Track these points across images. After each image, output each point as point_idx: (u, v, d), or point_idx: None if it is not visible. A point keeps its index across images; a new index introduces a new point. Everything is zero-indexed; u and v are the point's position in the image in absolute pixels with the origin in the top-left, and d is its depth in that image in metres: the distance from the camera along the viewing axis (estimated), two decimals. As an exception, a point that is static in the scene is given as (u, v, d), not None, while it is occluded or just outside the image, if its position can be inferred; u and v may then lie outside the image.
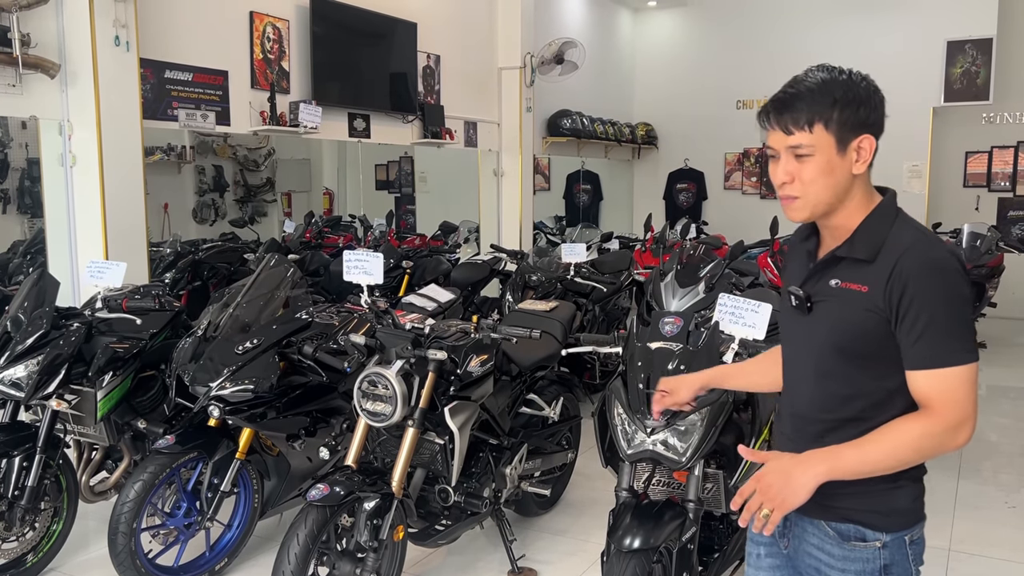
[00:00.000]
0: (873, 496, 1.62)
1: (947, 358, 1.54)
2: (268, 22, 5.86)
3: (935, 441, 1.55)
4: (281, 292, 3.70)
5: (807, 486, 1.55)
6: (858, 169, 1.61)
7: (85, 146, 4.58)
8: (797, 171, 1.62)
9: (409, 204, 9.68)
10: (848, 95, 1.60)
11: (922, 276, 1.54)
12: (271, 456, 3.66)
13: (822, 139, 1.60)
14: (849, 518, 1.64)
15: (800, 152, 1.61)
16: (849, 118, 1.59)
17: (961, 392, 1.54)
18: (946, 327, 1.54)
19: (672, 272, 4.65)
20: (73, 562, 3.68)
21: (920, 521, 1.68)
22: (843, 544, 1.65)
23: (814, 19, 9.98)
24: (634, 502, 2.68)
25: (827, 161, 1.60)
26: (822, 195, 1.62)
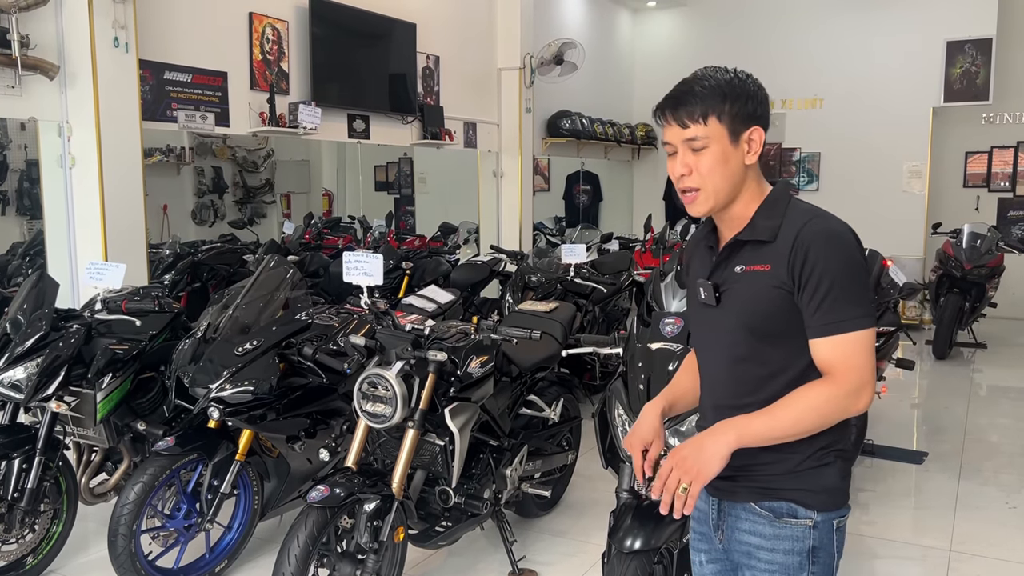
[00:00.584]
0: (804, 475, 1.67)
1: (847, 324, 1.60)
2: (267, 23, 5.85)
3: (837, 405, 1.61)
4: (281, 293, 3.69)
5: (719, 454, 1.61)
6: (750, 160, 1.71)
7: (84, 147, 4.58)
8: (695, 163, 1.70)
9: (408, 205, 9.68)
10: (736, 90, 1.70)
11: (820, 244, 1.62)
12: (271, 458, 3.66)
13: (716, 130, 1.68)
14: (782, 496, 1.69)
15: (696, 145, 1.69)
16: (739, 110, 1.69)
17: (861, 357, 1.60)
18: (845, 294, 1.60)
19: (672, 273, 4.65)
20: (73, 564, 3.67)
21: (846, 506, 1.73)
22: (775, 522, 1.69)
23: (813, 19, 9.98)
24: (635, 503, 2.68)
25: (722, 151, 1.68)
26: (720, 184, 1.70)
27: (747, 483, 1.71)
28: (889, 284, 4.56)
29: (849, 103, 9.80)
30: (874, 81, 9.65)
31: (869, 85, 9.66)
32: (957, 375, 7.45)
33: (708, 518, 1.83)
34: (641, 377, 2.68)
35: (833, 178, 10.06)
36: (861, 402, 1.61)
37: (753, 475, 1.70)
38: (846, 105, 9.82)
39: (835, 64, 9.82)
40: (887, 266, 4.64)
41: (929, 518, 4.24)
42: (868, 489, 4.63)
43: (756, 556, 1.72)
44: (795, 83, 10.09)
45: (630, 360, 2.79)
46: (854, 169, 9.86)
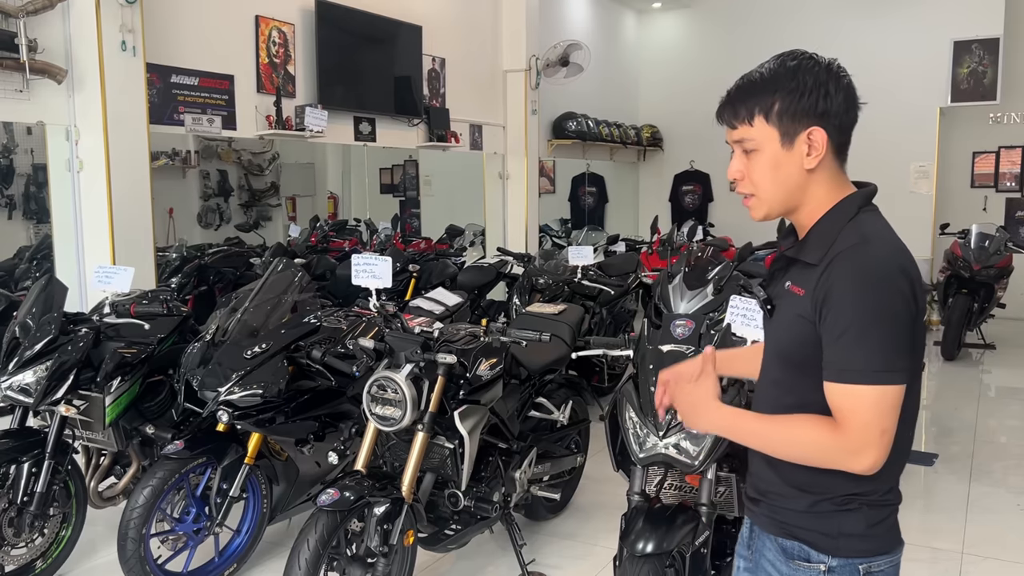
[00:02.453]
0: (819, 516, 1.53)
1: (856, 375, 1.41)
2: (274, 26, 5.86)
3: (831, 457, 1.45)
4: (289, 296, 3.69)
5: (703, 426, 1.63)
6: (809, 164, 1.50)
7: (92, 151, 4.58)
8: (746, 167, 1.54)
9: (414, 208, 9.67)
10: (792, 83, 1.48)
11: (846, 279, 1.42)
12: (280, 461, 3.65)
13: (764, 132, 1.50)
14: (794, 535, 1.56)
15: (746, 147, 1.53)
16: (790, 107, 1.48)
17: (866, 416, 1.41)
18: (861, 341, 1.41)
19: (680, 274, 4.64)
20: (82, 568, 3.67)
21: (882, 553, 1.54)
22: (788, 562, 1.57)
23: (819, 20, 9.96)
24: (646, 506, 2.67)
25: (772, 155, 1.50)
26: (773, 192, 1.53)
27: (768, 513, 1.60)
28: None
29: (855, 103, 9.75)
30: (881, 81, 9.59)
31: (876, 85, 9.59)
32: (966, 376, 7.42)
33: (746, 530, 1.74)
34: (652, 379, 2.67)
35: (839, 179, 10.01)
36: (860, 464, 1.43)
37: (772, 505, 1.59)
38: (852, 106, 9.77)
39: (842, 64, 9.78)
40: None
41: (940, 520, 4.22)
42: (878, 491, 4.60)
43: None
44: (801, 84, 10.05)
45: (641, 362, 2.78)
46: (861, 169, 9.57)
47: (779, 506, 1.57)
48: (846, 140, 1.54)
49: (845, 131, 1.52)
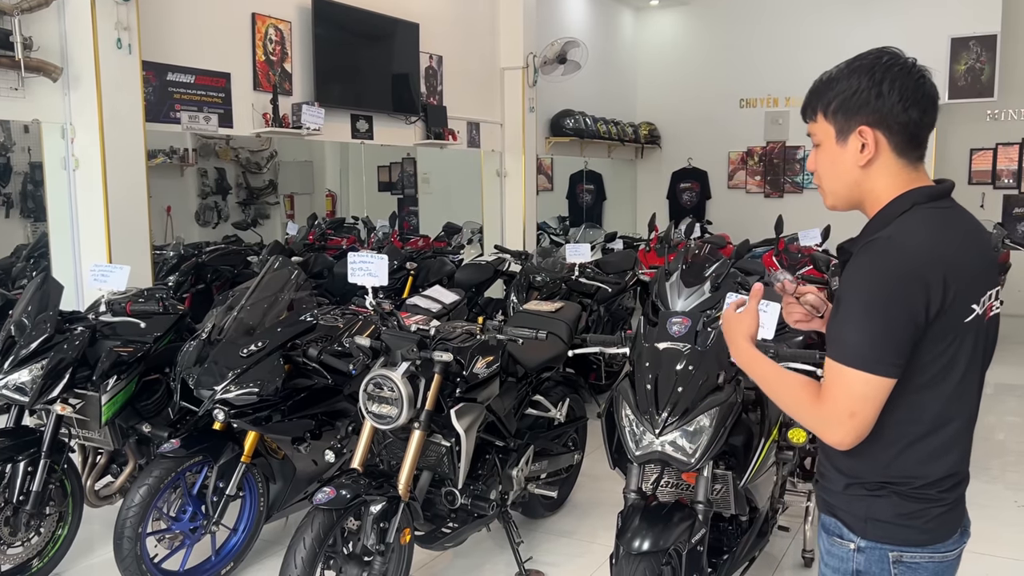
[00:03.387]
0: (853, 498, 1.60)
1: (838, 353, 1.48)
2: (270, 24, 5.84)
3: (805, 418, 1.55)
4: (285, 295, 3.68)
5: (732, 354, 1.74)
6: (860, 161, 1.55)
7: (88, 149, 4.57)
8: (816, 160, 1.65)
9: (412, 205, 9.67)
10: (847, 82, 1.55)
11: (856, 269, 1.50)
12: (276, 459, 3.64)
13: (823, 127, 1.60)
14: (834, 513, 1.65)
15: (814, 140, 1.63)
16: (843, 105, 1.55)
17: (838, 394, 1.48)
18: (851, 324, 1.47)
19: (677, 272, 4.63)
20: (78, 567, 3.67)
21: (918, 545, 1.56)
22: (828, 537, 1.66)
23: (817, 16, 9.95)
24: (643, 504, 2.66)
25: (831, 151, 1.59)
26: (833, 186, 1.62)
27: (820, 492, 1.69)
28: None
29: (853, 101, 9.75)
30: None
31: (873, 82, 9.62)
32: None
33: None
34: (648, 377, 2.67)
35: (837, 176, 10.02)
36: (829, 437, 1.51)
37: (823, 486, 1.68)
38: (850, 103, 9.77)
39: (839, 61, 9.73)
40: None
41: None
42: (876, 488, 4.60)
43: (821, 567, 1.71)
44: (799, 81, 9.94)
45: (637, 360, 2.77)
46: (858, 167, 9.82)
47: (826, 486, 1.67)
48: (911, 139, 1.54)
49: (906, 130, 1.53)
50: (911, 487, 1.55)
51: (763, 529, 3.12)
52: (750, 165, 10.63)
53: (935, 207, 1.54)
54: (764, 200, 10.54)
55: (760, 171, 10.57)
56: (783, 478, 3.42)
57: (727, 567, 2.87)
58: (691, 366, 2.66)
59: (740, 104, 10.51)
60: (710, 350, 2.71)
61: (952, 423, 1.55)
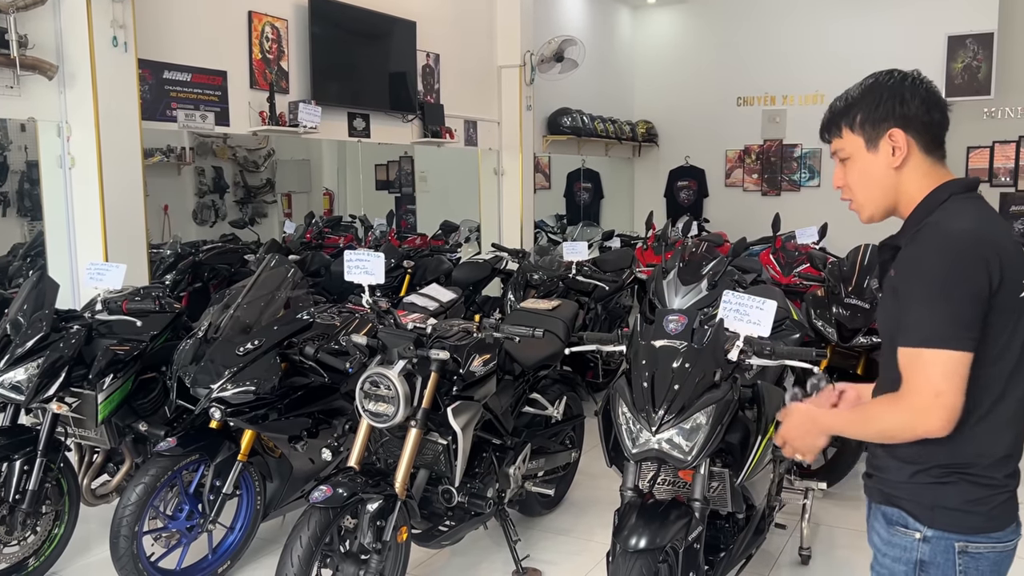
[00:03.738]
0: (919, 487, 1.63)
1: (911, 338, 1.54)
2: (267, 22, 5.83)
3: (897, 422, 1.57)
4: (282, 293, 3.68)
5: (816, 445, 1.77)
6: (894, 162, 1.67)
7: (84, 148, 4.56)
8: (844, 175, 1.74)
9: (409, 204, 9.66)
10: (869, 97, 1.68)
11: (915, 253, 1.57)
12: (273, 458, 3.64)
13: (851, 141, 1.70)
14: (896, 503, 1.66)
15: (841, 156, 1.74)
16: (868, 115, 1.67)
17: (919, 378, 1.52)
18: (916, 302, 1.53)
19: (675, 270, 4.64)
20: (75, 566, 3.66)
21: (983, 532, 1.60)
22: (888, 528, 1.68)
23: (814, 15, 9.95)
24: (639, 502, 2.66)
25: (862, 161, 1.70)
26: (868, 195, 1.72)
27: (877, 484, 1.72)
28: (892, 280, 4.54)
29: (850, 98, 9.76)
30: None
31: (870, 80, 9.63)
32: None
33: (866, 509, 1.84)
34: (645, 375, 2.66)
35: (835, 174, 10.02)
36: (924, 426, 1.53)
37: (880, 477, 1.71)
38: (847, 101, 9.78)
39: (836, 59, 9.79)
40: (890, 262, 4.63)
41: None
42: (873, 486, 4.61)
43: (877, 557, 1.73)
44: (796, 79, 10.06)
45: (634, 358, 2.77)
46: (856, 165, 9.83)
47: (885, 477, 1.69)
48: (934, 138, 1.69)
49: (930, 130, 1.68)
50: (978, 469, 1.59)
51: (760, 527, 3.12)
52: (747, 163, 10.62)
53: (969, 197, 1.66)
54: (761, 198, 10.54)
55: (757, 169, 10.57)
56: (780, 475, 3.42)
57: (724, 565, 2.87)
58: (687, 364, 2.65)
59: (737, 102, 10.50)
60: (706, 348, 2.71)
61: (1010, 398, 1.60)
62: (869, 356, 4.37)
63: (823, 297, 4.47)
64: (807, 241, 6.99)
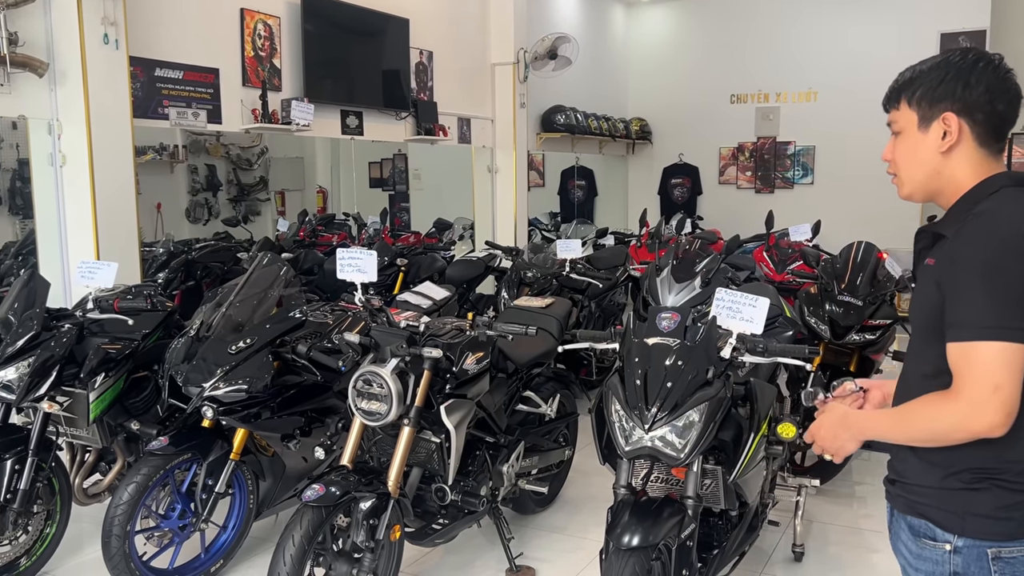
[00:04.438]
0: (947, 493, 1.54)
1: (964, 332, 1.46)
2: (259, 19, 5.81)
3: (950, 423, 1.48)
4: (274, 291, 3.66)
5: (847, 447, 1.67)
6: (941, 147, 1.59)
7: (75, 146, 4.54)
8: (893, 148, 1.68)
9: (403, 201, 9.65)
10: (934, 73, 1.60)
11: (963, 235, 1.49)
12: (266, 456, 3.63)
13: (906, 115, 1.63)
14: (922, 513, 1.58)
15: (893, 129, 1.67)
16: (927, 92, 1.60)
17: (975, 373, 1.43)
18: (969, 295, 1.46)
19: (668, 267, 4.64)
20: (67, 565, 3.65)
21: (1015, 539, 1.51)
22: (916, 541, 1.59)
23: (807, 12, 9.96)
24: (632, 499, 2.66)
25: (911, 138, 1.63)
26: (912, 174, 1.65)
27: (901, 492, 1.63)
28: (885, 277, 4.55)
29: (843, 96, 9.78)
30: (868, 73, 9.61)
31: (863, 77, 9.63)
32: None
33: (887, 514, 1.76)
34: (638, 372, 2.66)
35: (828, 171, 10.04)
36: (979, 423, 1.44)
37: (905, 484, 1.62)
38: (840, 98, 9.80)
39: (829, 57, 9.81)
40: (883, 259, 4.64)
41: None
42: (866, 482, 4.62)
43: (907, 571, 1.65)
44: (789, 76, 10.07)
45: (626, 355, 2.77)
46: (849, 162, 9.84)
47: (911, 483, 1.60)
48: (994, 130, 1.59)
49: (990, 120, 1.58)
50: (1011, 475, 1.51)
51: (753, 524, 3.12)
52: (741, 161, 10.64)
53: (1021, 191, 1.56)
54: (755, 196, 10.55)
55: (751, 167, 10.58)
56: (773, 473, 3.42)
57: (717, 562, 2.88)
58: (680, 361, 2.65)
59: (731, 100, 10.51)
60: (699, 345, 2.71)
61: None
62: (862, 353, 4.38)
63: (816, 294, 4.47)
64: (800, 238, 7.00)
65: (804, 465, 4.45)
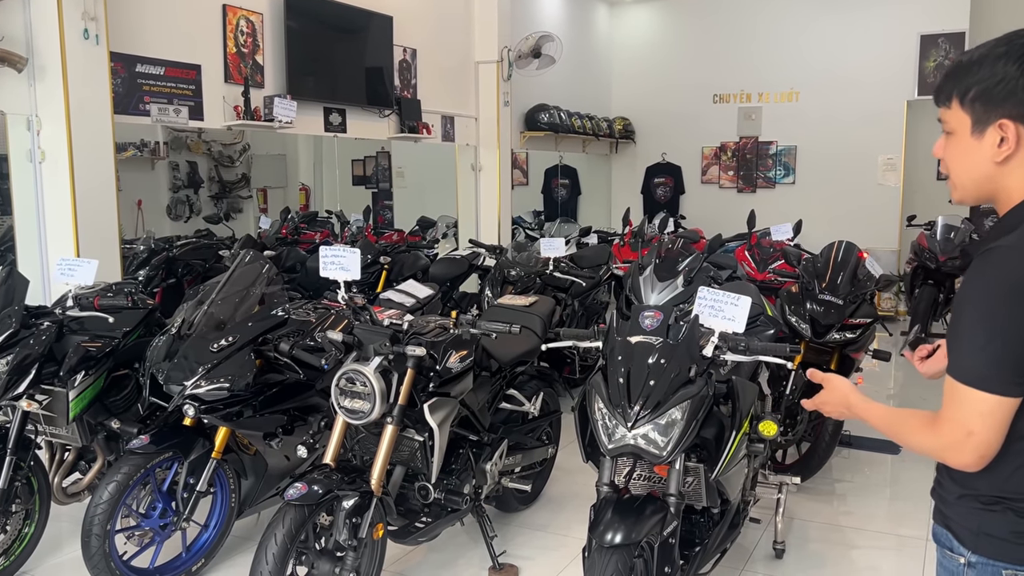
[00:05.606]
0: (967, 511, 1.52)
1: (957, 371, 1.41)
2: (241, 15, 5.78)
3: (926, 447, 1.49)
4: (256, 289, 3.65)
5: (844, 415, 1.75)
6: (996, 157, 1.43)
7: (54, 142, 4.50)
8: (944, 148, 1.53)
9: (386, 199, 9.62)
10: (993, 69, 1.40)
11: (973, 279, 1.39)
12: (248, 455, 3.62)
13: (958, 116, 1.47)
14: (946, 524, 1.57)
15: (945, 128, 1.51)
16: (984, 95, 1.41)
17: (956, 413, 1.41)
18: (960, 335, 1.41)
19: (651, 266, 4.66)
20: (46, 565, 3.62)
21: None
22: (940, 549, 1.60)
23: (789, 13, 10.03)
24: (615, 497, 2.67)
25: (963, 143, 1.47)
26: (962, 178, 1.51)
27: (936, 501, 1.61)
28: (865, 276, 4.59)
29: (825, 96, 9.86)
30: (849, 74, 9.72)
31: (844, 78, 9.73)
32: (932, 366, 7.52)
33: None
34: (621, 371, 2.67)
35: (809, 171, 10.12)
36: (953, 459, 1.44)
37: (937, 494, 1.60)
38: (822, 98, 9.88)
39: (811, 57, 9.89)
40: (863, 258, 4.68)
41: (906, 508, 4.28)
42: (845, 480, 4.66)
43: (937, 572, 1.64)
44: (771, 76, 10.14)
45: (610, 354, 2.78)
46: (830, 162, 9.93)
47: (940, 495, 1.59)
48: None
49: None
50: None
51: (734, 521, 3.14)
52: (723, 160, 10.69)
53: None
54: (737, 195, 10.61)
55: (733, 166, 10.64)
56: (754, 470, 3.45)
57: (699, 559, 2.89)
58: (663, 360, 2.67)
59: (713, 99, 10.56)
60: (682, 344, 2.72)
61: None
62: (842, 352, 4.42)
63: (797, 293, 4.51)
64: (782, 238, 7.05)
65: (785, 463, 4.49)
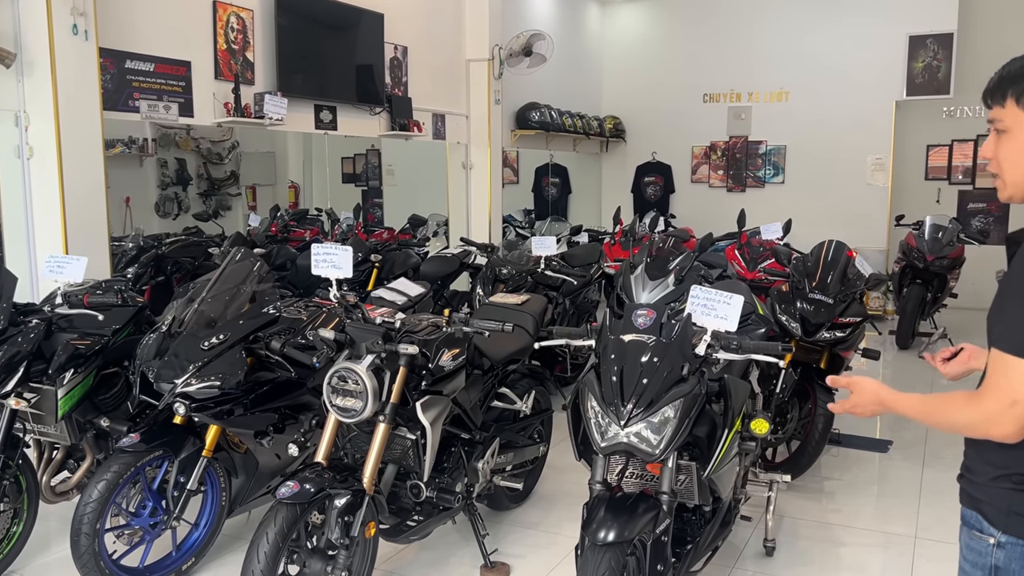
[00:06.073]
0: (999, 491, 1.57)
1: (1000, 341, 1.46)
2: (232, 12, 5.75)
3: (969, 423, 1.53)
4: (247, 286, 3.63)
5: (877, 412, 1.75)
6: None
7: (43, 138, 4.46)
8: (995, 147, 1.57)
9: (376, 197, 9.60)
10: None
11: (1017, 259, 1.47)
12: (239, 453, 3.60)
13: (1013, 115, 1.52)
14: (976, 506, 1.62)
15: (998, 127, 1.56)
16: None
17: (1000, 383, 1.46)
18: (1005, 304, 1.46)
19: (642, 265, 4.66)
20: (35, 564, 3.59)
21: None
22: (967, 531, 1.64)
23: (779, 14, 10.07)
24: (608, 495, 2.68)
25: (1018, 141, 1.53)
26: (1014, 177, 1.55)
27: (965, 486, 1.67)
28: (855, 275, 4.61)
29: (814, 96, 9.91)
30: (838, 74, 9.77)
31: (834, 78, 9.78)
32: (920, 364, 7.57)
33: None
34: (614, 369, 2.68)
35: (799, 171, 10.17)
36: (996, 430, 1.48)
37: (967, 479, 1.65)
38: (811, 98, 9.93)
39: (800, 58, 9.93)
40: (853, 257, 4.70)
41: (894, 506, 4.31)
42: (834, 478, 4.69)
43: (960, 560, 1.70)
44: (761, 76, 10.18)
45: (603, 352, 2.78)
46: (819, 162, 9.98)
47: (972, 479, 1.63)
48: None
49: None
50: None
51: (726, 519, 3.15)
52: (713, 160, 10.72)
53: None
54: (727, 194, 10.65)
55: (723, 165, 10.67)
56: (746, 468, 3.46)
57: (691, 557, 2.90)
58: (656, 358, 2.67)
59: (704, 99, 10.59)
60: (674, 342, 2.73)
61: None
62: (832, 351, 4.44)
63: (787, 292, 4.53)
64: (771, 237, 7.08)
65: (775, 461, 4.51)
